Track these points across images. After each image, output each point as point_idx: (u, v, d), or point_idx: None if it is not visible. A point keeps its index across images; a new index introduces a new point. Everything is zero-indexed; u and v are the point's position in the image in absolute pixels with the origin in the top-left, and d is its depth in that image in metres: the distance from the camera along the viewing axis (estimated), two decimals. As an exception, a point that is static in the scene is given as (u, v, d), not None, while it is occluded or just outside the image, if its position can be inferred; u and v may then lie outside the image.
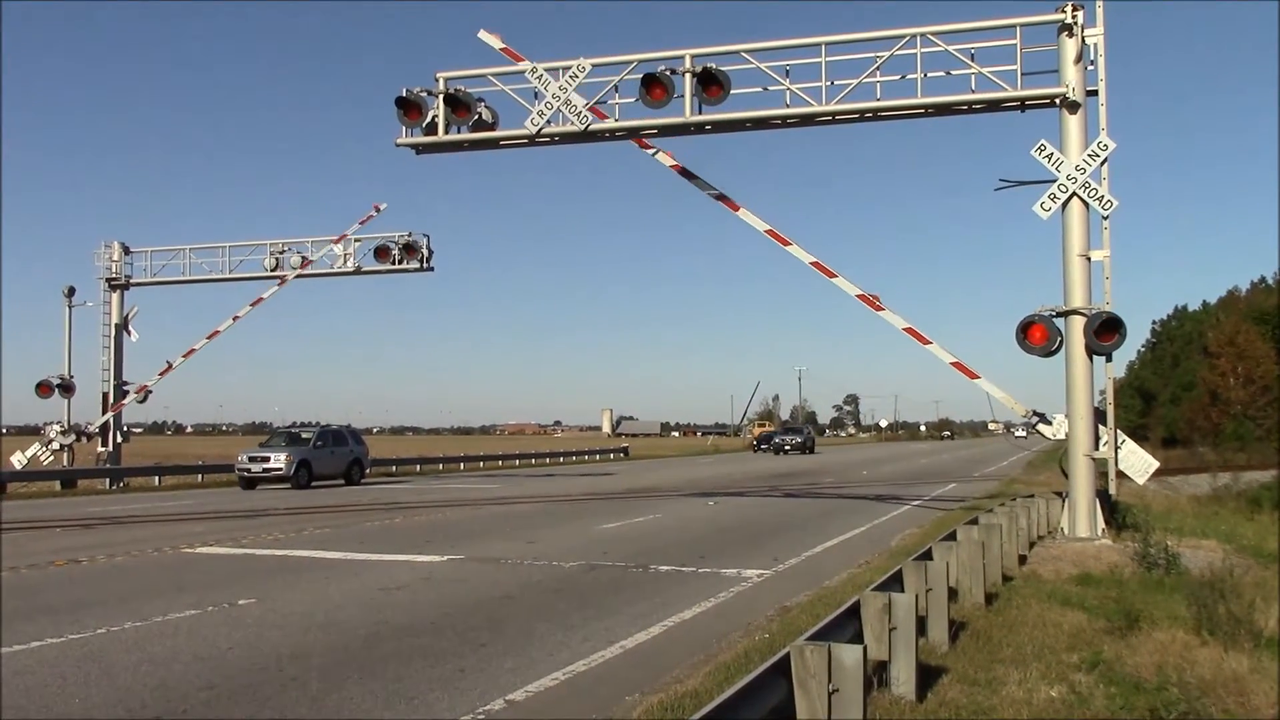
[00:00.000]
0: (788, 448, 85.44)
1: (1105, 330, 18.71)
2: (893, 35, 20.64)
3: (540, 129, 22.25)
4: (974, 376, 22.67)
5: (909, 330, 22.90)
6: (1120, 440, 19.65)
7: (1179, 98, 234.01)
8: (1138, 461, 19.83)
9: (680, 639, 11.25)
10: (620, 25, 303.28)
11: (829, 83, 20.76)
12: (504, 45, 23.23)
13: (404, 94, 22.65)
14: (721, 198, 23.34)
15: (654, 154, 23.66)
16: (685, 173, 23.81)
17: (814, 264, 23.14)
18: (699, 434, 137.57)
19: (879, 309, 22.94)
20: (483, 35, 23.18)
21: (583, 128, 22.07)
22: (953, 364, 22.80)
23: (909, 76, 20.55)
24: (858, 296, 22.99)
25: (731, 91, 21.24)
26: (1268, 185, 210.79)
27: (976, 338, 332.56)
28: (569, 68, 22.09)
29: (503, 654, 10.33)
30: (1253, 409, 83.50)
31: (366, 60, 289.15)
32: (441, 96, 22.70)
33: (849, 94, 20.74)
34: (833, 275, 23.18)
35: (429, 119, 22.54)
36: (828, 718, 6.54)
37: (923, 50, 20.27)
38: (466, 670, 9.67)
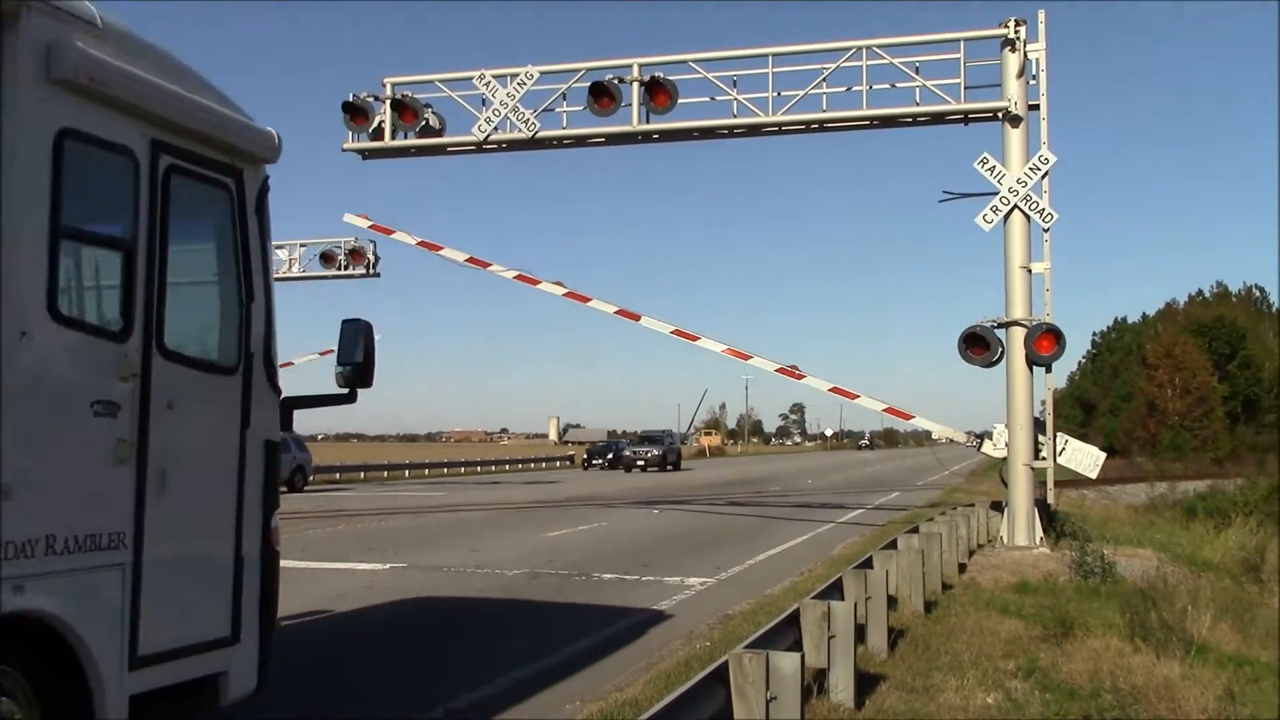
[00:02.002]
0: (640, 463, 63.20)
1: (1045, 341, 18.96)
2: (839, 48, 20.81)
3: (488, 136, 22.20)
4: (908, 417, 23.49)
5: (835, 389, 23.91)
6: (1064, 442, 19.92)
7: (1119, 113, 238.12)
8: (1084, 458, 20.09)
9: (620, 647, 11.26)
10: (569, 34, 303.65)
11: (776, 93, 20.87)
12: (371, 222, 25.00)
13: (351, 99, 22.51)
14: (521, 276, 23.76)
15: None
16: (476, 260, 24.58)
17: (783, 370, 23.81)
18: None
19: (800, 377, 23.73)
20: (347, 218, 24.95)
21: (530, 135, 22.04)
22: (885, 410, 23.54)
23: (855, 88, 20.71)
24: (777, 370, 23.78)
25: (679, 101, 21.30)
26: (1204, 200, 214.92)
27: (923, 348, 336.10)
28: (517, 75, 22.06)
29: (444, 661, 10.29)
30: (1189, 420, 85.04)
31: (314, 64, 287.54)
32: (389, 102, 22.58)
33: (795, 105, 20.88)
34: (748, 357, 24.12)
35: (376, 124, 22.42)
36: (765, 725, 6.58)
37: (868, 63, 20.45)
38: (410, 681, 9.62)
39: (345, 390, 7.51)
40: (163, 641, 5.99)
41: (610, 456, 68.18)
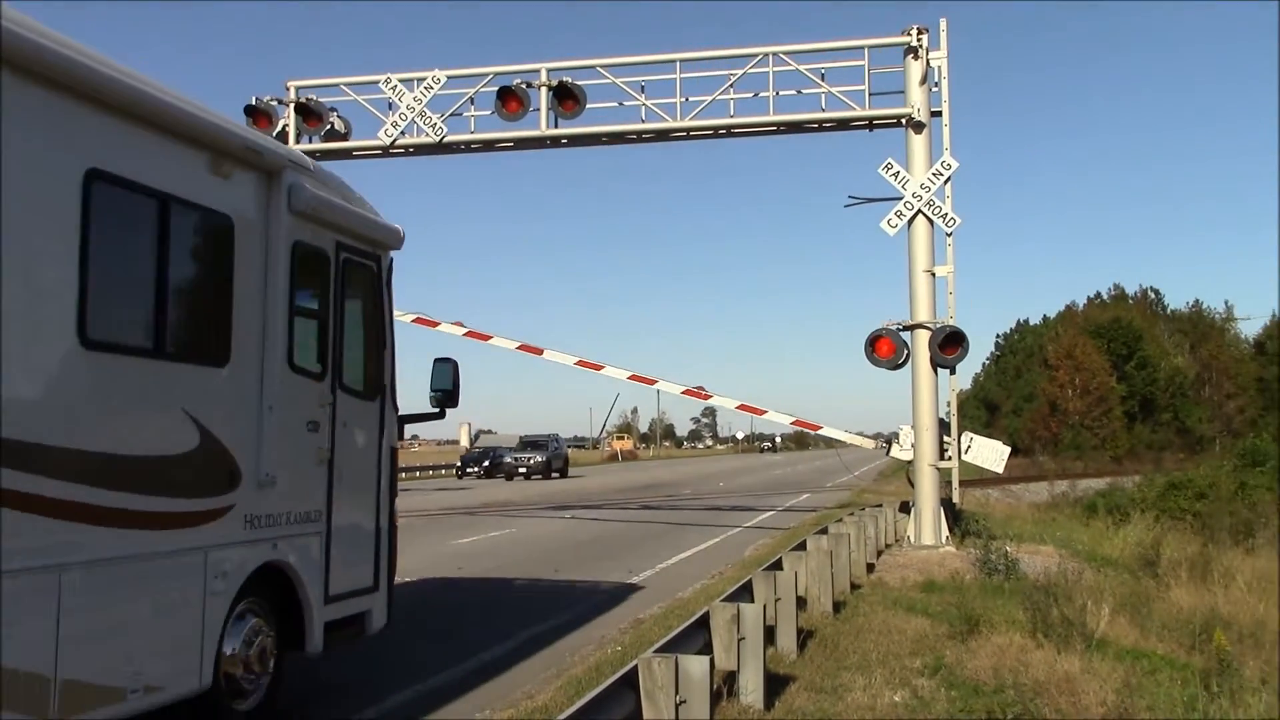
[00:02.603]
0: (522, 470, 58.41)
1: (949, 343, 19.27)
2: (745, 54, 20.97)
3: (394, 140, 21.98)
4: (816, 428, 24.11)
5: (743, 406, 24.74)
6: (969, 440, 20.27)
7: (1019, 117, 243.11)
8: (989, 453, 20.45)
9: (533, 653, 11.22)
10: (476, 38, 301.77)
11: (684, 99, 20.97)
12: (416, 316, 24.09)
13: (253, 102, 22.14)
14: (419, 319, 23.80)
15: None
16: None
17: (689, 392, 24.38)
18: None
19: (706, 398, 24.35)
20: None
21: (438, 139, 21.87)
22: (793, 423, 24.11)
23: (762, 94, 20.88)
24: (684, 393, 24.46)
25: (588, 106, 21.30)
26: (1102, 205, 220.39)
27: (832, 351, 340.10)
28: (424, 79, 21.88)
29: (351, 671, 10.15)
30: (1089, 419, 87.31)
31: (214, 66, 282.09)
32: (292, 105, 22.24)
33: (703, 110, 20.99)
34: (653, 382, 24.90)
35: (279, 128, 22.06)
36: (675, 729, 6.59)
37: (775, 69, 20.62)
38: (319, 691, 9.47)
39: (437, 410, 10.61)
40: (341, 586, 8.75)
41: (487, 464, 62.51)
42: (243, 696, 7.68)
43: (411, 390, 10.61)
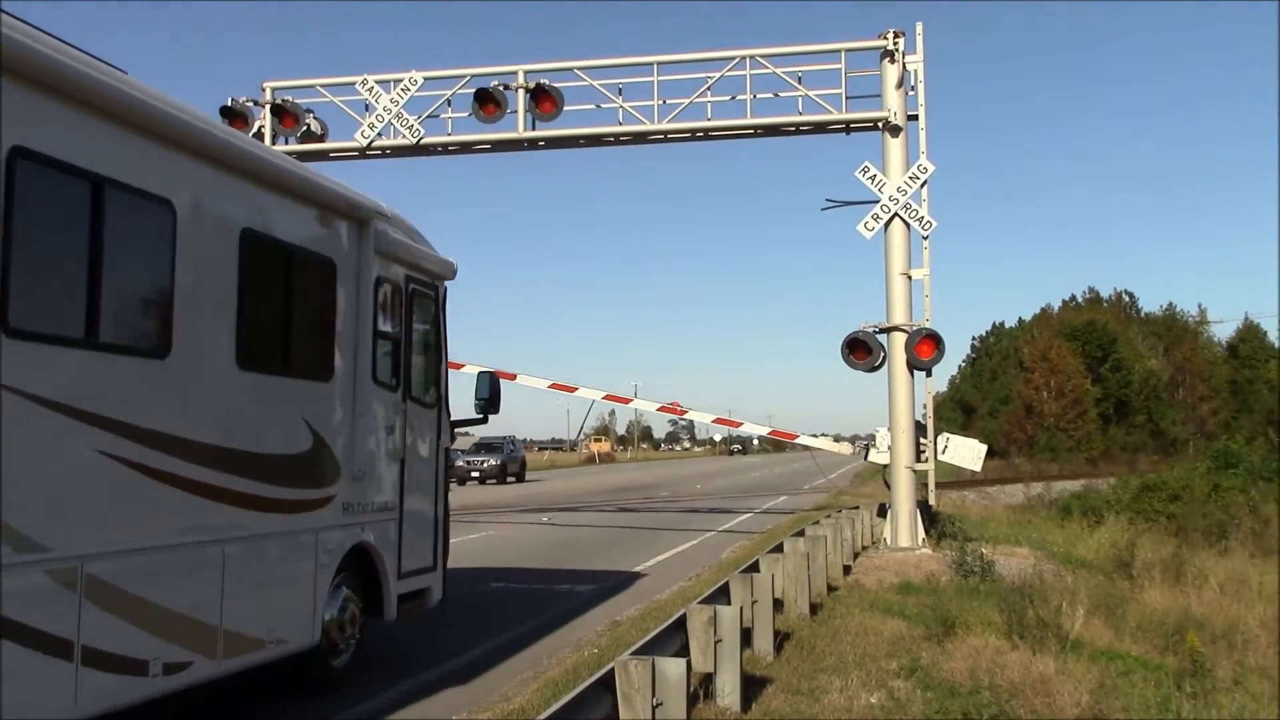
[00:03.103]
0: (475, 474, 54.90)
1: (925, 346, 19.35)
2: (723, 57, 21.00)
3: (371, 142, 21.91)
4: (793, 437, 24.34)
5: (719, 420, 25.29)
6: (945, 440, 20.35)
7: (996, 122, 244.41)
8: (966, 452, 20.54)
9: (509, 656, 11.20)
10: (455, 39, 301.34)
11: (661, 101, 20.97)
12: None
13: (229, 103, 22.03)
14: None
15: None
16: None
17: (665, 408, 25.19)
18: (535, 449, 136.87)
19: (682, 413, 24.87)
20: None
21: (414, 141, 21.81)
22: (770, 433, 24.36)
23: (739, 97, 20.90)
24: (659, 410, 25.76)
25: (565, 108, 21.27)
26: (1077, 208, 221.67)
27: (809, 354, 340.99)
28: (400, 80, 21.82)
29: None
30: (1064, 421, 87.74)
31: (190, 67, 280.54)
32: (268, 107, 22.14)
33: (680, 113, 21.00)
34: (628, 400, 25.91)
35: (255, 129, 21.94)
36: (652, 731, 6.59)
37: (752, 72, 20.66)
38: (287, 693, 9.42)
39: (481, 416, 12.22)
40: (410, 565, 10.39)
41: None
42: (337, 655, 9.35)
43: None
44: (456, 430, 12.12)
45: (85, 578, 6.27)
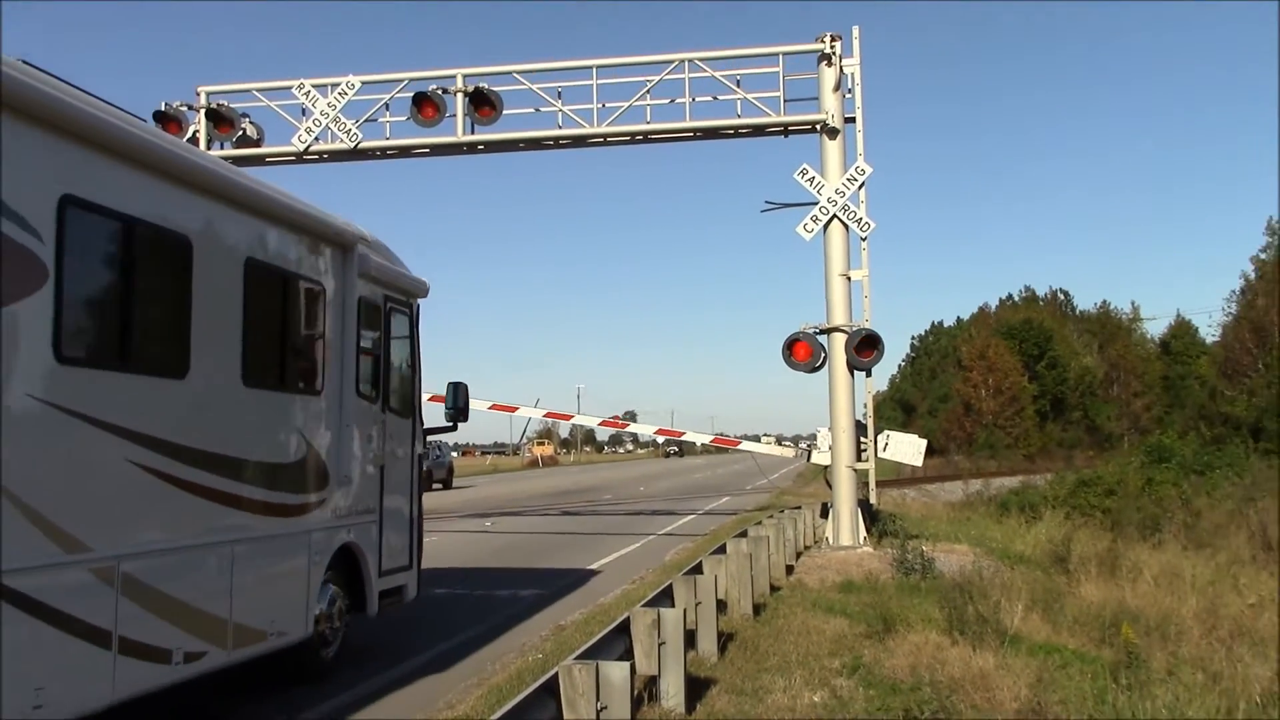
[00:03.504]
0: None
1: (864, 346, 19.54)
2: (662, 60, 21.07)
3: (308, 146, 21.73)
4: (735, 444, 24.57)
5: (661, 431, 26.11)
6: (885, 437, 20.55)
7: (931, 124, 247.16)
8: (907, 447, 20.76)
9: (454, 663, 11.16)
10: (393, 43, 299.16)
11: (601, 105, 21.03)
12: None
13: (163, 108, 21.77)
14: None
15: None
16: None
17: (607, 423, 24.48)
18: (478, 453, 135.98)
19: (624, 426, 25.92)
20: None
21: (353, 145, 21.67)
22: (713, 440, 24.70)
23: (678, 100, 21.00)
24: (601, 424, 25.51)
25: (504, 112, 21.24)
26: (1011, 207, 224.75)
27: (752, 355, 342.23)
28: (338, 84, 21.67)
29: (262, 684, 10.00)
30: (1002, 418, 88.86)
31: (123, 71, 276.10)
32: (203, 111, 21.91)
33: (620, 116, 21.06)
34: (569, 417, 26.03)
35: (190, 134, 21.69)
36: (596, 735, 6.60)
37: (690, 75, 20.75)
38: (227, 710, 9.33)
39: (451, 424, 13.04)
40: (389, 563, 11.19)
41: None
42: (326, 646, 10.15)
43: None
44: (429, 438, 13.02)
45: (121, 575, 7.04)
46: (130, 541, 7.18)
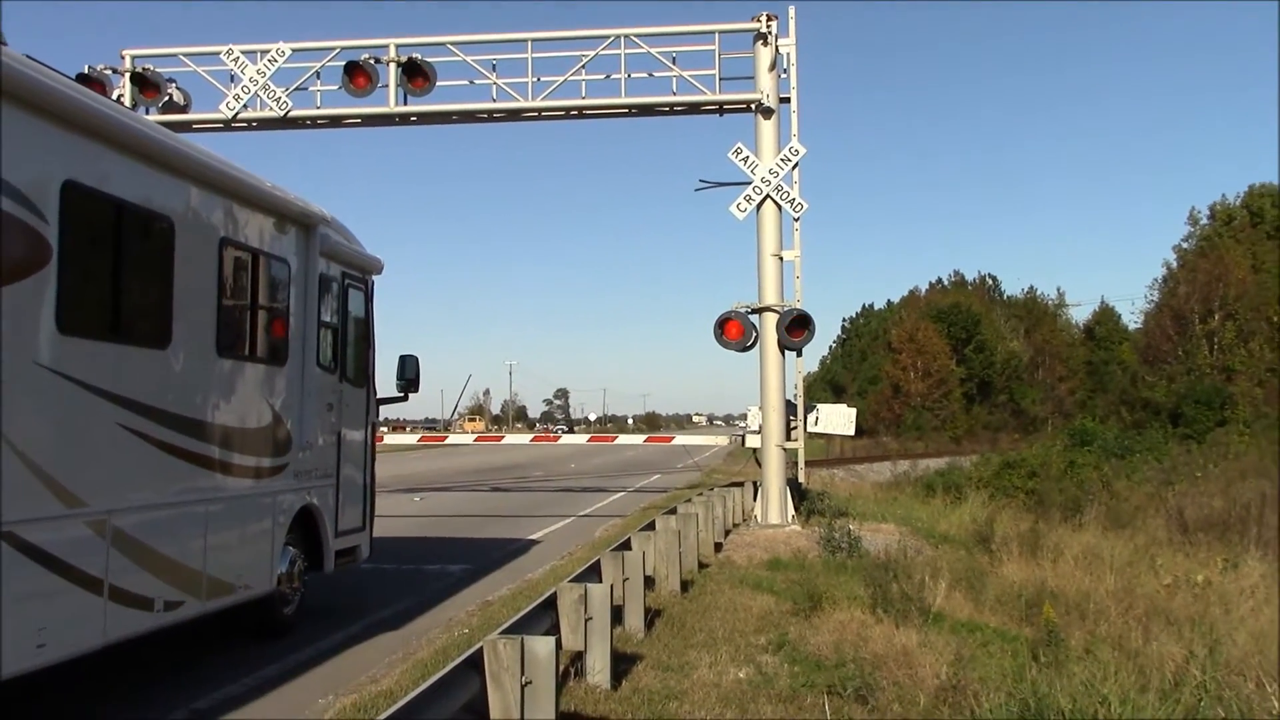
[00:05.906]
0: None
1: (796, 327, 19.62)
2: (597, 35, 20.92)
3: (236, 113, 21.30)
4: (669, 440, 24.78)
5: (594, 438, 25.96)
6: (815, 411, 20.71)
7: (870, 112, 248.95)
8: (838, 418, 20.96)
9: (377, 636, 11.07)
10: (325, 12, 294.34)
11: (535, 79, 20.82)
12: None
13: (86, 71, 21.20)
14: None
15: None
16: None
17: (539, 438, 24.09)
18: (408, 429, 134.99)
19: (555, 439, 26.03)
20: None
21: (282, 114, 21.27)
22: (647, 439, 25.08)
23: (613, 76, 20.87)
24: (534, 440, 25.68)
25: (438, 84, 20.97)
26: (941, 193, 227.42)
27: (684, 333, 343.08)
28: (268, 52, 21.25)
29: (185, 659, 9.85)
30: (930, 400, 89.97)
31: (47, 33, 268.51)
32: (128, 75, 21.39)
33: (554, 91, 20.88)
34: (499, 438, 25.84)
35: (115, 98, 21.14)
36: (520, 710, 6.57)
37: (626, 51, 20.63)
38: (137, 684, 9.17)
39: (402, 395, 13.63)
40: (345, 525, 11.96)
41: None
42: (286, 604, 10.84)
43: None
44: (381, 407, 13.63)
45: (111, 529, 7.73)
46: (120, 498, 7.86)
